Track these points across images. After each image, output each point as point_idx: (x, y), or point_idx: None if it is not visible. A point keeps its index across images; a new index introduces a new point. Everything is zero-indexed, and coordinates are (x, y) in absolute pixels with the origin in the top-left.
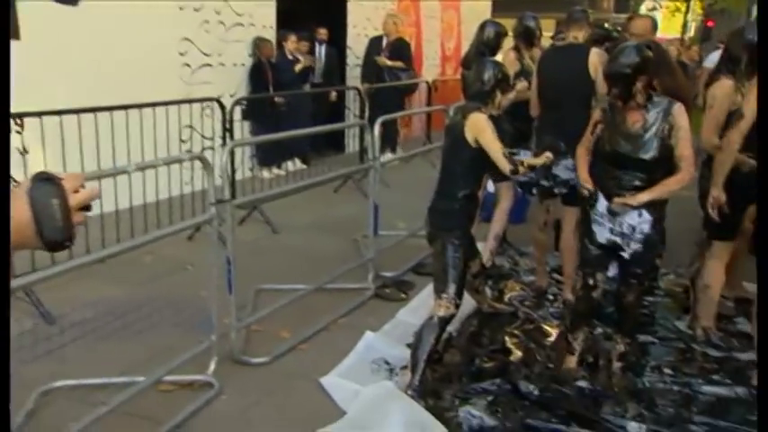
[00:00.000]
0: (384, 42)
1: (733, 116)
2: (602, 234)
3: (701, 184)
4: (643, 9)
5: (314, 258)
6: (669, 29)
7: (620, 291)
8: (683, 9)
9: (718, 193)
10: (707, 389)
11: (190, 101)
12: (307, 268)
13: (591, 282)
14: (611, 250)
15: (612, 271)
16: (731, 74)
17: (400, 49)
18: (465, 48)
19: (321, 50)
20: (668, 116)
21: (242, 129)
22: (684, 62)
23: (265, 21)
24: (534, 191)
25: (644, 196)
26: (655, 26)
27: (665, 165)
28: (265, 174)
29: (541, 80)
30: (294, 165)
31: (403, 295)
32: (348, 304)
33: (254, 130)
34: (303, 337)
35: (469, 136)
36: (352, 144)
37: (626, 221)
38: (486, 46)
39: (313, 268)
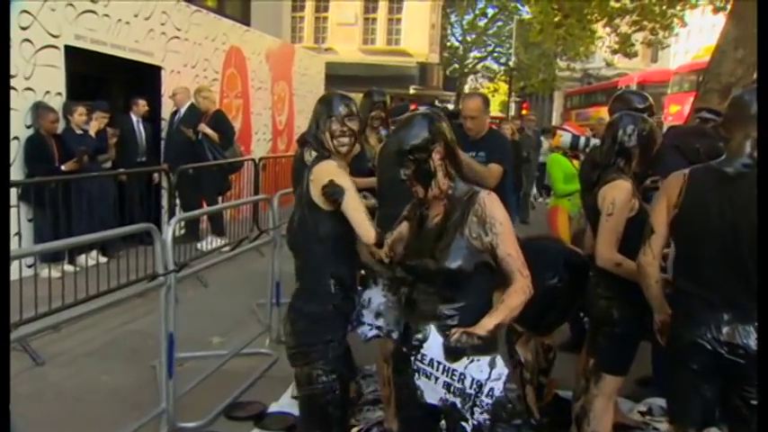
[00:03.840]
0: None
1: (632, 224)
2: (433, 392)
3: (592, 301)
4: (466, 89)
5: (89, 405)
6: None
7: None
8: (502, 90)
9: (663, 318)
10: None
11: None
12: (75, 425)
13: None
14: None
15: None
16: (623, 171)
17: (220, 123)
18: (298, 121)
19: (140, 125)
20: (472, 206)
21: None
22: (518, 141)
23: (51, 86)
24: None
25: (489, 321)
26: (486, 103)
27: (479, 276)
28: (48, 272)
29: (381, 172)
30: (92, 258)
31: None
32: None
33: (34, 217)
34: None
35: (317, 195)
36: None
37: (470, 374)
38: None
39: (84, 424)
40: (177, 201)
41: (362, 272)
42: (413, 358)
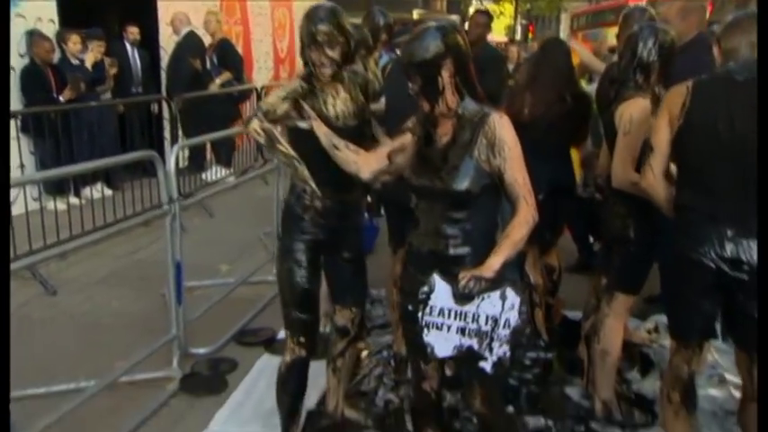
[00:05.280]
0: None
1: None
2: (446, 343)
3: (607, 221)
4: (471, 11)
5: (102, 331)
6: (494, 32)
7: (464, 394)
8: (507, 12)
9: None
10: None
11: None
12: (89, 349)
13: (419, 370)
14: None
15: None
16: (641, 88)
17: (228, 54)
18: (299, 48)
19: (135, 54)
20: (483, 127)
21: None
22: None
23: (42, 13)
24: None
25: (495, 260)
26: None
27: (485, 196)
28: (54, 205)
29: (387, 98)
30: (97, 190)
31: (220, 385)
32: (141, 409)
33: (36, 149)
34: None
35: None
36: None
37: (483, 312)
38: None
39: (98, 348)
40: (180, 132)
41: (368, 198)
42: (420, 314)
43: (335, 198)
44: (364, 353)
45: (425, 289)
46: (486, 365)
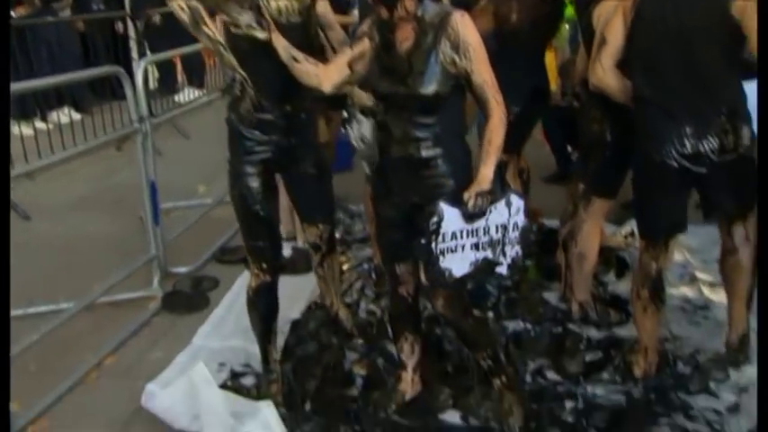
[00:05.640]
0: None
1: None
2: (462, 262)
3: (584, 127)
4: None
5: (79, 254)
6: None
7: (430, 299)
8: None
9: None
10: (599, 394)
11: None
12: (67, 273)
13: (396, 276)
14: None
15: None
16: None
17: None
18: None
19: None
20: (445, 29)
21: None
22: None
23: None
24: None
25: (488, 170)
26: None
27: (453, 99)
28: (20, 130)
29: (359, 9)
30: (64, 114)
31: (202, 302)
32: (123, 329)
33: None
34: (44, 405)
35: None
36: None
37: (493, 223)
38: None
39: (76, 271)
40: (148, 52)
41: (345, 114)
42: (433, 245)
43: (279, 111)
44: (345, 266)
45: (435, 219)
46: (503, 269)
